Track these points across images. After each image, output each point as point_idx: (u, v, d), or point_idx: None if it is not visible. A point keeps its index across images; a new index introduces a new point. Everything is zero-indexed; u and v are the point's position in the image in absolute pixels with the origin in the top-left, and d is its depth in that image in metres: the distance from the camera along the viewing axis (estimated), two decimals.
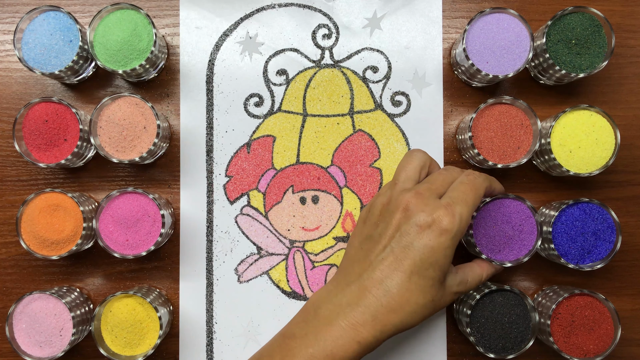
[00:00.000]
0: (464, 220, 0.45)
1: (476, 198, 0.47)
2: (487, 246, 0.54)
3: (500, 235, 0.54)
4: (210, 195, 0.61)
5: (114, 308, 0.56)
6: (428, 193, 0.47)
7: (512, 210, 0.54)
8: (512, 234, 0.54)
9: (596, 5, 0.59)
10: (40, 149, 0.56)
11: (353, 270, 0.47)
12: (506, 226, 0.54)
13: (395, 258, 0.45)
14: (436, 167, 0.53)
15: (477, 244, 0.54)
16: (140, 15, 0.56)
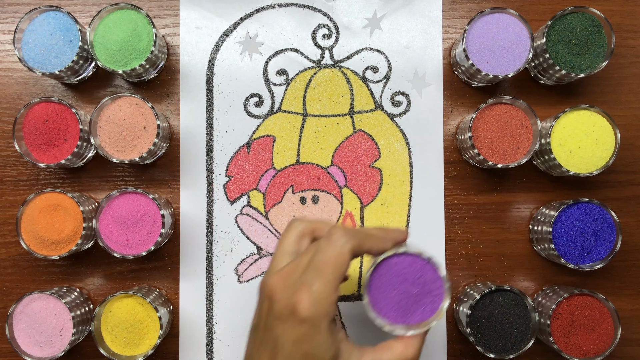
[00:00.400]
0: (323, 300, 0.38)
1: (336, 267, 0.39)
2: (392, 314, 0.43)
3: (403, 297, 0.43)
4: (210, 195, 0.61)
5: (114, 308, 0.56)
6: (293, 271, 0.40)
7: (405, 266, 0.43)
8: (417, 291, 0.43)
9: (596, 5, 0.59)
10: (40, 149, 0.56)
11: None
12: (406, 285, 0.43)
13: (269, 355, 0.40)
14: (325, 230, 0.44)
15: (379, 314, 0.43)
16: (140, 15, 0.56)
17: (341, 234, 0.40)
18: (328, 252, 0.39)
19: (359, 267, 0.60)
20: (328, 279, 0.39)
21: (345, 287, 0.60)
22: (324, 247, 0.40)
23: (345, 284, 0.60)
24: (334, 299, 0.39)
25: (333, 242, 0.40)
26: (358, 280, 0.60)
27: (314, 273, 0.39)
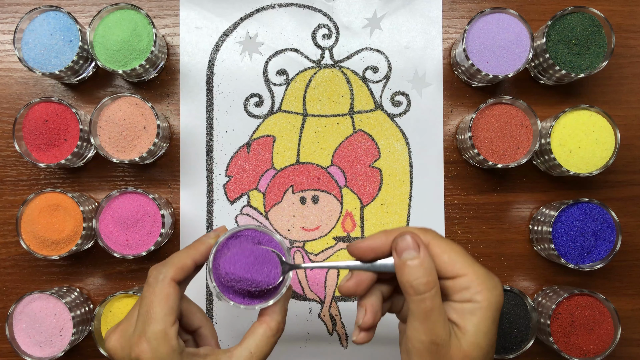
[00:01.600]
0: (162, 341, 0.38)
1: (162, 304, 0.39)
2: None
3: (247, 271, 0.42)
4: (210, 195, 0.61)
5: (114, 308, 0.55)
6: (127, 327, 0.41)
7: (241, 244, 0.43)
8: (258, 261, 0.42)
9: (596, 5, 0.59)
10: (40, 149, 0.56)
11: None
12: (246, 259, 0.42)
13: None
14: None
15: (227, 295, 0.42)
16: (140, 15, 0.56)
17: (154, 272, 0.41)
18: (149, 294, 0.40)
19: None
20: (159, 318, 0.39)
21: None
22: (144, 292, 0.40)
23: None
24: (173, 334, 0.39)
25: (150, 282, 0.40)
26: None
27: (144, 319, 0.39)
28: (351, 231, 0.60)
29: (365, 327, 0.41)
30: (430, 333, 0.37)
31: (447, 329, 0.37)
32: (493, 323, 0.38)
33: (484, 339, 0.37)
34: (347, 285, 0.41)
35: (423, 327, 0.37)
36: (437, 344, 0.37)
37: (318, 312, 0.60)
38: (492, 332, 0.38)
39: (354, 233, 0.60)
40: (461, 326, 0.38)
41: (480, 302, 0.37)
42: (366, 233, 0.60)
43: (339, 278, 0.60)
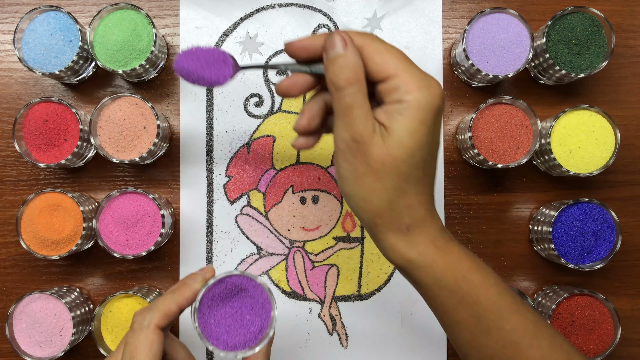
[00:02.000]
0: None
1: (147, 351, 0.40)
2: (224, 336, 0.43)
3: (231, 317, 0.43)
4: (210, 195, 0.61)
5: (114, 308, 0.55)
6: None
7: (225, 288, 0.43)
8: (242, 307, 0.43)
9: (596, 5, 0.59)
10: (40, 149, 0.56)
11: None
12: (231, 305, 0.43)
13: None
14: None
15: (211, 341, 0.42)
16: (140, 15, 0.56)
17: (138, 318, 0.41)
18: (134, 340, 0.40)
19: (359, 267, 0.60)
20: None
21: (345, 287, 0.60)
22: (129, 337, 0.40)
23: (346, 284, 0.60)
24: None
25: (134, 329, 0.40)
26: (358, 280, 0.60)
27: None
28: (351, 231, 0.60)
29: (298, 129, 0.41)
30: (350, 130, 0.37)
31: (369, 127, 0.37)
32: (422, 124, 0.36)
33: (409, 138, 0.36)
34: (281, 85, 0.42)
35: (343, 123, 0.37)
36: (357, 141, 0.37)
37: (318, 312, 0.60)
38: (420, 133, 0.36)
39: (354, 233, 0.60)
40: (387, 126, 0.37)
41: (408, 101, 0.36)
42: (366, 233, 0.60)
43: (339, 278, 0.60)
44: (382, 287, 0.60)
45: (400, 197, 0.38)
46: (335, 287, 0.60)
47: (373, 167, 0.37)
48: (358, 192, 0.38)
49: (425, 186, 0.38)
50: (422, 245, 0.39)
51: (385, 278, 0.60)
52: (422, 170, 0.38)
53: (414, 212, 0.38)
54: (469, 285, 0.39)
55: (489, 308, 0.39)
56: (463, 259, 0.39)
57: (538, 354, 0.38)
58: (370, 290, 0.60)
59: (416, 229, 0.39)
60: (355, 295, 0.60)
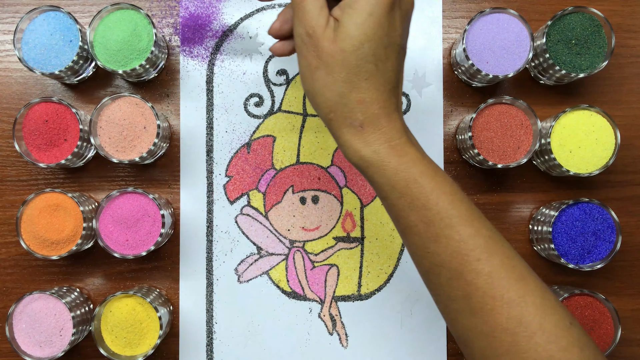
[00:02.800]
0: None
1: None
2: None
3: None
4: (210, 195, 0.61)
5: (114, 308, 0.55)
6: None
7: None
8: None
9: (596, 5, 0.59)
10: (40, 149, 0.56)
11: None
12: None
13: None
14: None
15: None
16: (140, 15, 0.56)
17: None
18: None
19: (359, 267, 0.60)
20: None
21: (345, 287, 0.60)
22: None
23: (346, 284, 0.60)
24: None
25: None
26: (358, 280, 0.60)
27: None
28: (351, 231, 0.60)
29: (270, 32, 0.43)
30: (304, 24, 0.38)
31: (321, 21, 0.38)
32: (370, 16, 0.37)
33: (355, 29, 0.37)
34: (272, 25, 0.43)
35: (297, 18, 0.39)
36: (310, 35, 0.38)
37: (318, 312, 0.60)
38: (368, 25, 0.37)
39: (354, 233, 0.60)
40: (339, 19, 0.38)
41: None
42: (366, 233, 0.60)
43: (339, 278, 0.60)
44: (382, 287, 0.60)
45: (352, 92, 0.38)
46: (335, 287, 0.60)
47: (324, 60, 0.38)
48: (313, 87, 0.39)
49: (379, 83, 0.39)
50: (376, 144, 0.39)
51: (385, 278, 0.60)
52: (373, 65, 0.38)
53: (366, 108, 0.39)
54: (420, 189, 0.39)
55: (439, 215, 0.39)
56: (417, 162, 0.39)
57: (487, 268, 0.38)
58: (370, 290, 0.60)
59: (370, 126, 0.39)
60: (355, 295, 0.60)
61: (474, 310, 0.38)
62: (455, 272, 0.39)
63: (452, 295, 0.39)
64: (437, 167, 0.41)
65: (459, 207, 0.39)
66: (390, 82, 0.39)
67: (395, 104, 0.40)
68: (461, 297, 0.39)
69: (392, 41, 0.39)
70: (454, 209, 0.39)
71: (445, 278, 0.39)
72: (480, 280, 0.38)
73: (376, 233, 0.60)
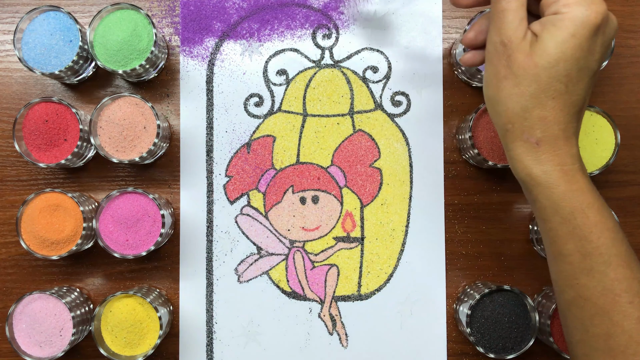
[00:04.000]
0: None
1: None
2: None
3: None
4: (210, 195, 0.61)
5: (114, 308, 0.55)
6: None
7: None
8: None
9: None
10: (40, 149, 0.56)
11: None
12: None
13: None
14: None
15: None
16: (140, 15, 0.56)
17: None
18: None
19: (359, 267, 0.60)
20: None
21: (345, 287, 0.60)
22: None
23: (346, 284, 0.60)
24: None
25: None
26: (358, 280, 0.60)
27: None
28: (351, 231, 0.60)
29: (464, 42, 0.43)
30: (500, 33, 0.38)
31: (519, 33, 0.38)
32: (572, 37, 0.37)
33: (554, 47, 0.37)
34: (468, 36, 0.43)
35: (495, 27, 0.38)
36: (505, 45, 0.38)
37: (318, 312, 0.60)
38: (568, 45, 0.37)
39: (354, 233, 0.60)
40: (539, 35, 0.38)
41: (563, 13, 0.37)
42: (366, 233, 0.60)
43: (339, 278, 0.60)
44: (382, 287, 0.60)
45: (536, 107, 0.38)
46: (335, 287, 0.60)
47: (514, 71, 0.38)
48: (496, 95, 0.39)
49: (566, 104, 0.38)
50: (548, 164, 0.39)
51: (385, 278, 0.60)
52: (563, 85, 0.38)
53: (547, 126, 0.38)
54: (585, 219, 0.38)
55: (598, 249, 0.38)
56: (587, 192, 0.39)
57: (637, 313, 0.38)
58: (370, 290, 0.60)
59: (546, 145, 0.39)
60: (355, 295, 0.60)
61: (613, 351, 0.38)
62: (602, 310, 0.38)
63: (592, 332, 0.39)
64: (604, 202, 0.40)
65: (619, 246, 0.39)
66: (576, 105, 0.39)
67: (576, 128, 0.40)
68: (602, 335, 0.38)
69: (587, 65, 0.38)
70: (614, 247, 0.39)
71: (589, 313, 0.39)
72: (628, 323, 0.38)
73: (376, 233, 0.60)
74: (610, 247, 0.39)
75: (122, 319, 0.55)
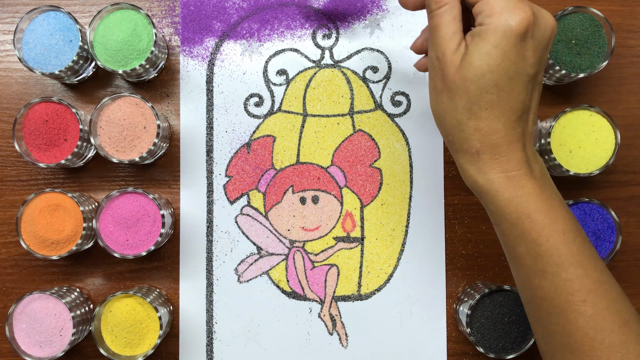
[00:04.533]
0: None
1: None
2: None
3: None
4: (210, 195, 0.61)
5: (114, 308, 0.56)
6: None
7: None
8: None
9: (596, 5, 0.59)
10: (40, 149, 0.56)
11: None
12: None
13: None
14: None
15: None
16: (140, 15, 0.56)
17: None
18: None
19: (359, 267, 0.60)
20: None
21: (345, 287, 0.60)
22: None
23: (346, 284, 0.60)
24: None
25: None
26: (358, 280, 0.60)
27: None
28: (351, 231, 0.60)
29: (413, 48, 0.46)
30: (435, 48, 0.39)
31: (451, 47, 0.38)
32: (495, 47, 0.37)
33: (479, 59, 0.37)
34: (415, 43, 0.47)
35: (431, 42, 0.39)
36: (439, 59, 0.39)
37: (318, 312, 0.60)
38: (492, 57, 0.37)
39: (354, 233, 0.60)
40: (468, 47, 0.38)
41: (487, 24, 0.37)
42: (366, 233, 0.60)
43: (339, 278, 0.60)
44: (382, 287, 0.60)
45: (471, 119, 0.38)
46: (335, 287, 0.60)
47: (447, 85, 0.39)
48: (436, 109, 0.40)
49: (501, 113, 0.38)
50: (491, 173, 0.39)
51: (385, 278, 0.60)
52: (494, 95, 0.38)
53: (484, 136, 0.38)
54: (532, 224, 0.39)
55: (548, 252, 0.39)
56: (533, 196, 0.39)
57: (590, 310, 0.38)
58: (370, 290, 0.60)
59: (486, 154, 0.39)
60: (355, 295, 0.60)
61: (572, 348, 0.39)
62: (557, 309, 0.39)
63: (550, 330, 0.40)
64: (555, 202, 0.40)
65: (570, 245, 0.39)
66: (514, 111, 0.39)
67: (520, 133, 0.39)
68: (560, 333, 0.39)
69: (519, 71, 0.38)
70: (565, 247, 0.39)
71: (546, 312, 0.39)
72: (582, 321, 0.38)
73: (376, 233, 0.60)
74: (560, 247, 0.39)
75: (122, 319, 0.55)
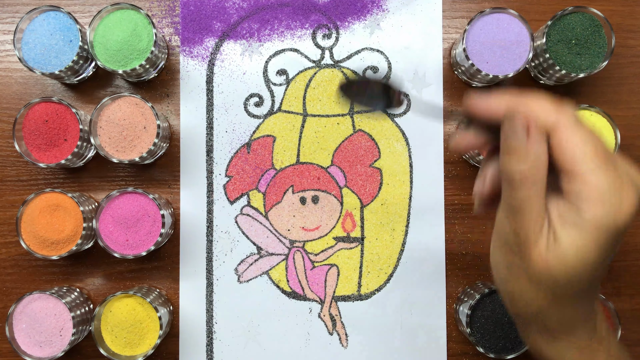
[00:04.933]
0: None
1: None
2: None
3: None
4: (210, 195, 0.61)
5: (114, 308, 0.55)
6: None
7: None
8: None
9: (596, 5, 0.59)
10: (40, 149, 0.56)
11: None
12: None
13: None
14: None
15: None
16: (140, 15, 0.56)
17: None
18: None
19: (359, 267, 0.60)
20: None
21: (345, 287, 0.60)
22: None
23: (346, 284, 0.60)
24: None
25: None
26: (358, 280, 0.60)
27: None
28: (351, 231, 0.60)
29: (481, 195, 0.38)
30: (515, 225, 0.33)
31: (536, 228, 0.32)
32: (595, 244, 0.31)
33: (574, 256, 0.31)
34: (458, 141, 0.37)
35: (507, 217, 0.33)
36: (519, 237, 0.33)
37: (318, 312, 0.60)
38: (590, 255, 0.31)
39: (354, 233, 0.60)
40: (557, 232, 0.32)
41: (586, 216, 0.31)
42: (366, 233, 0.60)
43: (339, 278, 0.60)
44: (382, 287, 0.60)
45: (552, 306, 0.34)
46: (335, 287, 0.60)
47: (528, 273, 0.33)
48: (508, 280, 0.35)
49: (585, 299, 0.35)
50: (564, 350, 0.36)
51: (385, 278, 0.60)
52: (585, 286, 0.34)
53: (565, 320, 0.35)
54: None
55: None
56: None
57: None
58: (370, 290, 0.60)
59: (562, 334, 0.36)
60: (355, 295, 0.60)
61: None
62: None
63: None
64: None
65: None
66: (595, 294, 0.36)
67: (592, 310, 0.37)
68: None
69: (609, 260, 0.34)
70: None
71: None
72: None
73: (376, 233, 0.60)
74: None
75: (122, 319, 0.55)
